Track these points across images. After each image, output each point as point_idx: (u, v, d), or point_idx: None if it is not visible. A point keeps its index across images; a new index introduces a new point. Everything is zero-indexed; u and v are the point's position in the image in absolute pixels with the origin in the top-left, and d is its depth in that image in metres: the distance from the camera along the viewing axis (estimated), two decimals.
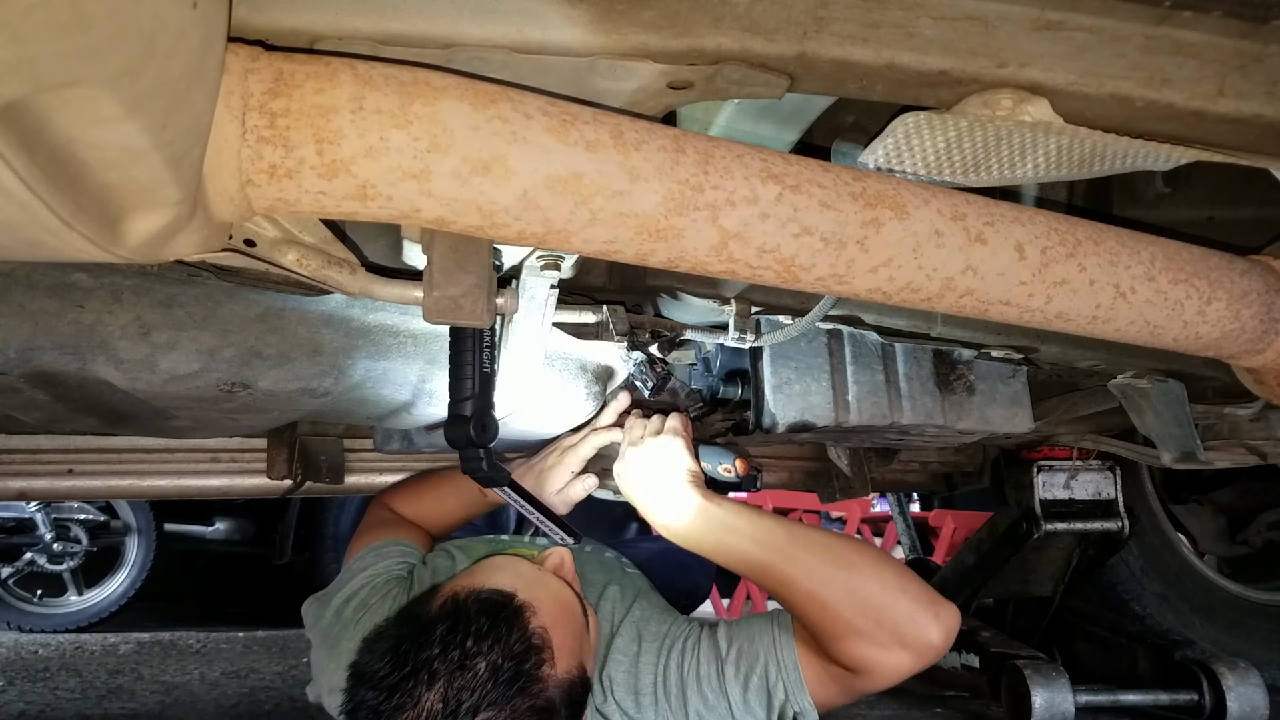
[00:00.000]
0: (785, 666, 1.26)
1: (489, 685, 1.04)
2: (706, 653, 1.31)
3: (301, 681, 2.04)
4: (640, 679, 1.31)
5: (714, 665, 1.29)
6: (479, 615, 1.10)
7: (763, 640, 1.29)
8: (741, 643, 1.30)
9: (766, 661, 1.27)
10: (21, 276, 1.17)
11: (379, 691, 1.06)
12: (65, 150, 0.59)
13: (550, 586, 1.22)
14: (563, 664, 1.12)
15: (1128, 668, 2.42)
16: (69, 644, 3.68)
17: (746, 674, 1.27)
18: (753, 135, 1.02)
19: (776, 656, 1.27)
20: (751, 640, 1.30)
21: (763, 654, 1.28)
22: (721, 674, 1.28)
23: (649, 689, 1.30)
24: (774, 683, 1.26)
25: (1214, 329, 1.09)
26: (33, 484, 2.16)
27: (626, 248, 0.86)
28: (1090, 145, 0.94)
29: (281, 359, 1.32)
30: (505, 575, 1.20)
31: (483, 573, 1.22)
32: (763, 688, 1.26)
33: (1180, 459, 1.76)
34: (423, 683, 1.04)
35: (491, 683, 1.05)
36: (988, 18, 0.82)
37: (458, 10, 0.79)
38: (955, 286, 0.96)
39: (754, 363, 1.61)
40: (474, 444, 1.24)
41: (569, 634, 1.17)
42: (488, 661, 1.06)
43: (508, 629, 1.09)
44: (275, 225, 0.95)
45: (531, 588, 1.18)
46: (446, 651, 1.06)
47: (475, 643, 1.07)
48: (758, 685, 1.27)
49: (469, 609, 1.11)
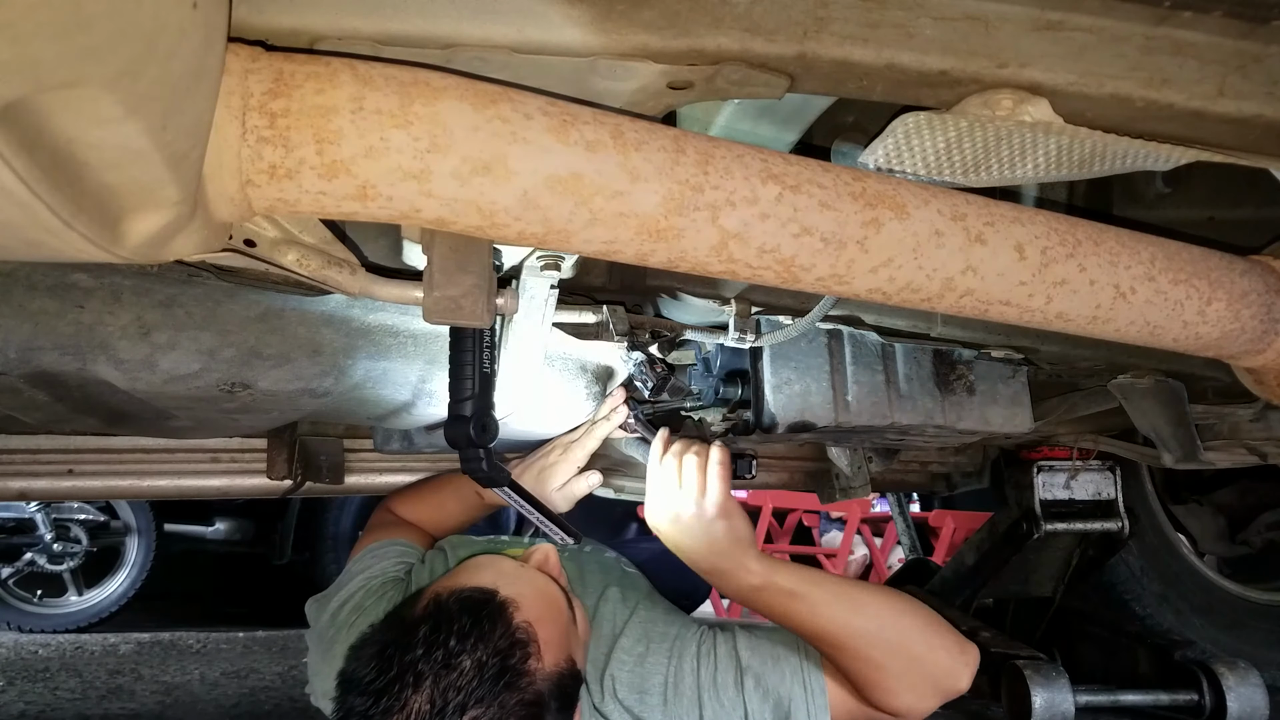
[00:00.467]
0: (813, 693, 1.28)
1: (475, 683, 1.04)
2: (724, 660, 1.31)
3: (301, 681, 2.05)
4: (648, 679, 1.31)
5: (733, 674, 1.29)
6: (461, 614, 1.10)
7: (789, 662, 1.31)
8: (765, 658, 1.31)
9: (793, 685, 1.28)
10: (22, 277, 1.17)
11: (367, 697, 1.05)
12: (65, 150, 0.59)
13: (534, 582, 1.22)
14: (549, 657, 1.12)
15: (1128, 668, 2.42)
16: (69, 644, 3.68)
17: (767, 690, 1.28)
18: (753, 135, 1.02)
19: (804, 682, 1.29)
20: (777, 660, 1.31)
21: (789, 676, 1.29)
22: (740, 683, 1.28)
23: (657, 689, 1.30)
24: (797, 707, 1.27)
25: (1214, 329, 1.09)
26: (33, 484, 2.16)
27: (626, 248, 0.86)
28: (1090, 145, 0.94)
29: (282, 359, 1.32)
30: (487, 574, 1.20)
31: (465, 573, 1.22)
32: (782, 708, 1.27)
33: (1180, 459, 1.76)
34: (409, 685, 1.04)
35: (477, 680, 1.04)
36: (988, 18, 0.82)
37: (458, 10, 0.79)
38: (955, 287, 0.96)
39: (754, 363, 1.61)
40: (474, 444, 1.24)
41: (555, 627, 1.16)
42: (473, 660, 1.06)
43: (490, 626, 1.09)
44: (275, 225, 0.95)
45: (514, 584, 1.17)
46: (430, 652, 1.06)
47: (458, 641, 1.07)
48: (777, 704, 1.27)
49: (450, 608, 1.11)
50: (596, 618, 1.39)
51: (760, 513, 5.01)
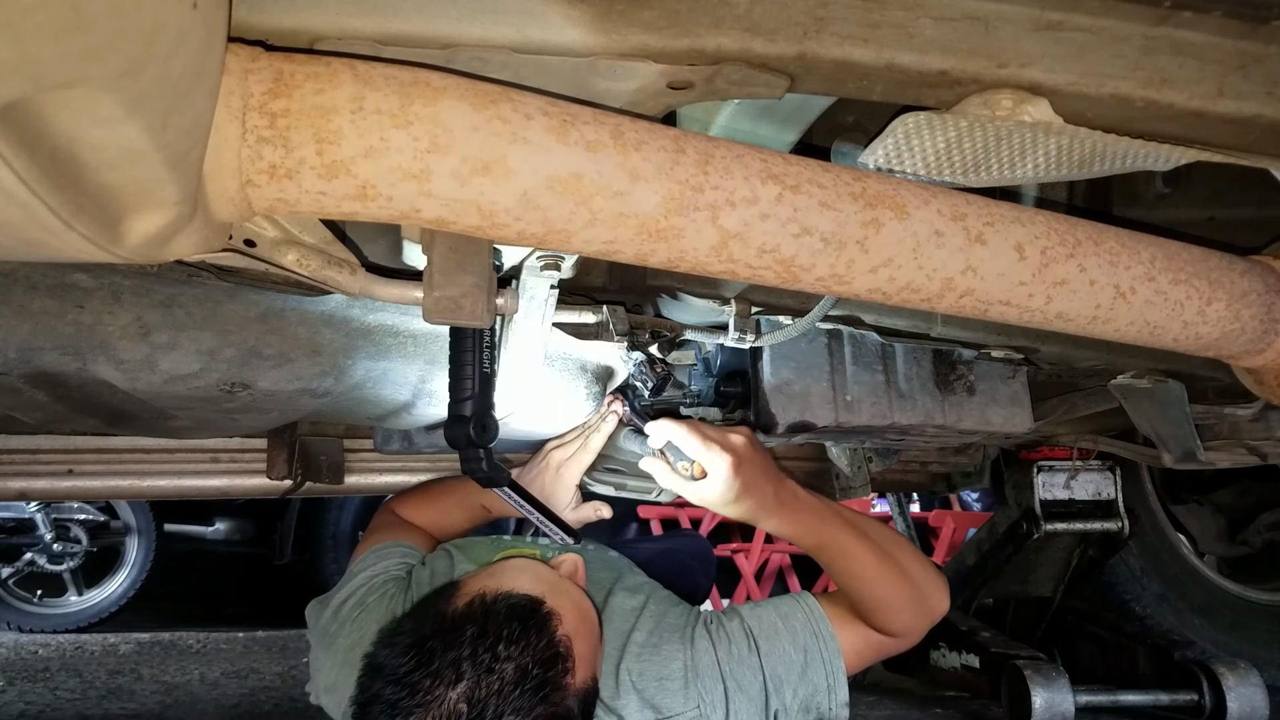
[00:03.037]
0: (824, 639, 1.35)
1: (514, 690, 1.04)
2: (736, 634, 1.35)
3: (301, 681, 2.05)
4: (667, 666, 1.32)
5: (746, 644, 1.34)
6: (510, 619, 1.09)
7: (797, 618, 1.37)
8: (775, 621, 1.37)
9: (806, 637, 1.35)
10: (21, 277, 1.17)
11: (399, 687, 1.04)
12: (66, 150, 0.60)
13: (571, 594, 1.23)
14: (581, 673, 1.13)
15: (1128, 668, 2.42)
16: (69, 644, 3.68)
17: (783, 651, 1.34)
18: (753, 135, 1.02)
19: (815, 631, 1.36)
20: (786, 618, 1.38)
21: (800, 630, 1.36)
22: (756, 650, 1.33)
23: (677, 674, 1.31)
24: (813, 657, 1.34)
25: (1214, 329, 1.09)
26: (33, 484, 2.16)
27: (626, 248, 0.86)
28: (1090, 145, 0.94)
29: (281, 359, 1.32)
30: (528, 579, 1.20)
31: (507, 575, 1.22)
32: (799, 663, 1.33)
33: (1180, 459, 1.76)
34: (447, 682, 1.03)
35: (517, 689, 1.04)
36: (988, 18, 0.83)
37: (458, 10, 0.79)
38: (955, 287, 0.96)
39: (754, 363, 1.61)
40: (474, 444, 1.24)
41: (588, 643, 1.17)
42: (516, 666, 1.05)
43: (537, 635, 1.09)
44: (275, 225, 0.95)
45: (555, 595, 1.18)
46: (476, 653, 1.05)
47: (506, 646, 1.06)
48: (792, 662, 1.33)
49: (499, 611, 1.10)
50: (606, 613, 1.39)
51: None
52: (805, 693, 1.33)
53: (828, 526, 1.37)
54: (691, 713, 1.29)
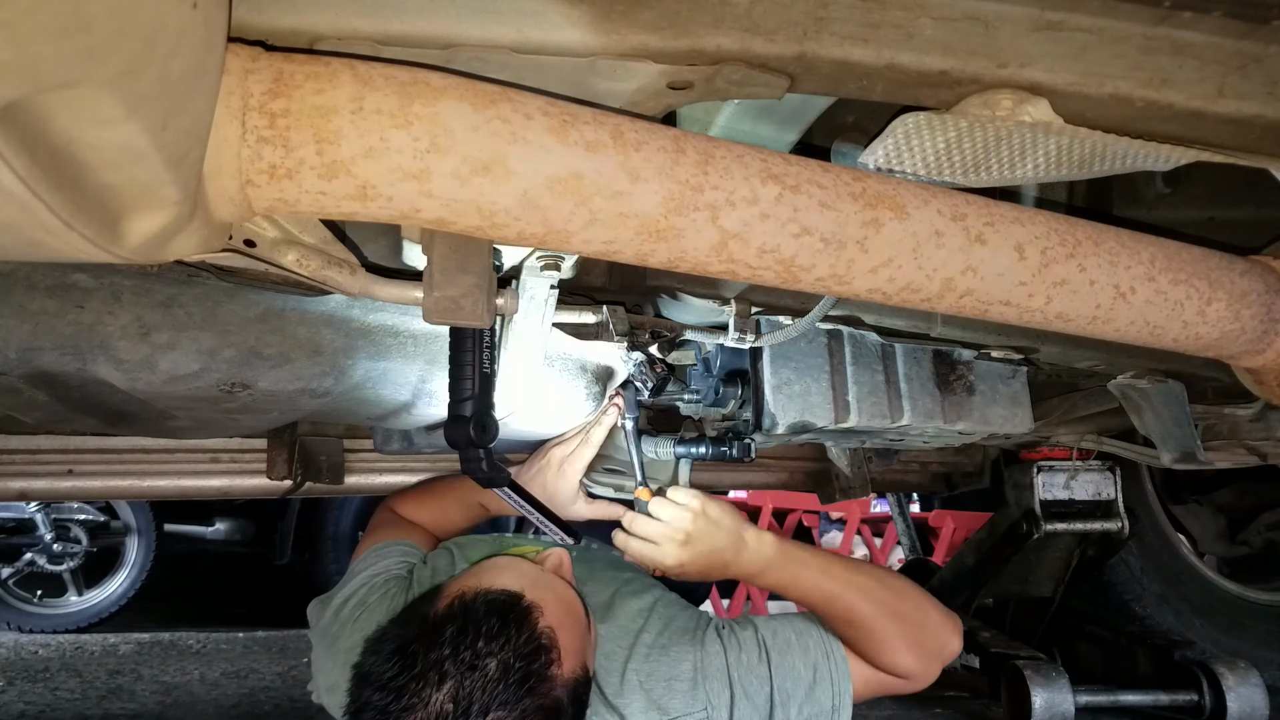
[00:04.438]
0: (835, 659, 1.37)
1: (499, 685, 1.05)
2: (748, 642, 1.36)
3: (301, 681, 2.05)
4: (676, 667, 1.33)
5: (758, 653, 1.35)
6: (489, 615, 1.10)
7: (811, 635, 1.39)
8: (789, 635, 1.38)
9: (816, 654, 1.36)
10: (21, 277, 1.17)
11: (386, 693, 1.05)
12: (65, 150, 0.60)
13: (554, 587, 1.23)
14: (569, 664, 1.13)
15: (1128, 668, 2.42)
16: (69, 644, 3.67)
17: (793, 665, 1.35)
18: (753, 135, 1.02)
19: (827, 651, 1.37)
20: (800, 635, 1.39)
21: (813, 647, 1.37)
22: (767, 660, 1.34)
23: (686, 675, 1.32)
24: (821, 675, 1.35)
25: (1214, 329, 1.09)
26: (33, 484, 2.15)
27: (626, 248, 0.86)
28: (1090, 145, 0.94)
29: (281, 359, 1.32)
30: (510, 575, 1.21)
31: (487, 573, 1.22)
32: (808, 677, 1.34)
33: (1180, 459, 1.76)
34: (432, 683, 1.04)
35: (502, 683, 1.05)
36: (988, 18, 0.82)
37: (458, 11, 0.79)
38: (955, 287, 0.96)
39: (754, 363, 1.61)
40: (474, 444, 1.24)
41: (574, 634, 1.17)
42: (499, 661, 1.06)
43: (517, 629, 1.10)
44: (275, 225, 0.95)
45: (537, 588, 1.18)
46: (457, 652, 1.06)
47: (486, 643, 1.07)
48: (800, 676, 1.33)
49: (478, 609, 1.11)
50: (612, 612, 1.40)
51: (760, 513, 5.01)
52: (810, 711, 1.33)
53: (808, 574, 1.38)
54: (699, 714, 1.29)
